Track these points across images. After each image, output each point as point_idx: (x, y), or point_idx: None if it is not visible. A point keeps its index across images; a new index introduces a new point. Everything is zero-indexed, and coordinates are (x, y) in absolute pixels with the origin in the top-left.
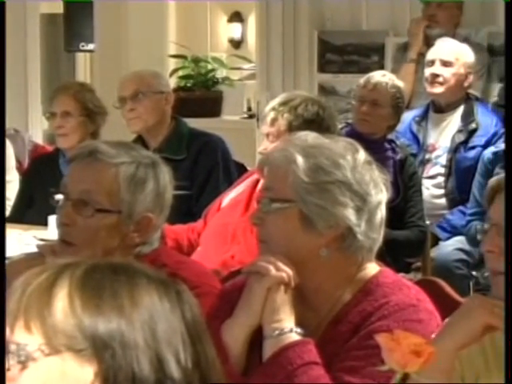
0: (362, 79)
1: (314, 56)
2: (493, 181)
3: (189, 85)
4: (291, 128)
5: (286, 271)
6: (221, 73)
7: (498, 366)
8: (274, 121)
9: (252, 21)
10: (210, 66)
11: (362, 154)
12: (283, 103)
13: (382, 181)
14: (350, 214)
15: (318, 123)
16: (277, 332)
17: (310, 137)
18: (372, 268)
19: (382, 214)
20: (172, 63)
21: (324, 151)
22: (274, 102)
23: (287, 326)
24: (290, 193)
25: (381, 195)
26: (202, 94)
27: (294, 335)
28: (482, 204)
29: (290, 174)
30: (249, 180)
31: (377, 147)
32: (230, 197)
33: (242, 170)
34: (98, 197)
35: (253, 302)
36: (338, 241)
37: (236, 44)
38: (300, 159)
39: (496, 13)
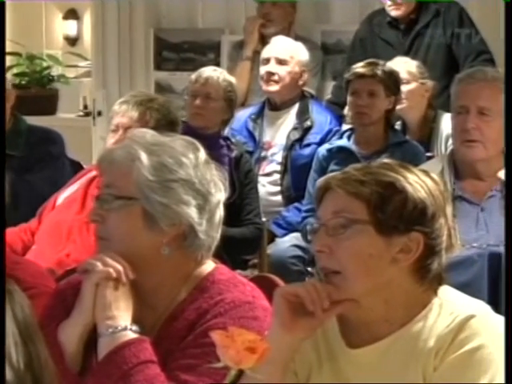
0: (194, 75)
1: (151, 54)
2: (321, 181)
3: (24, 82)
4: (145, 124)
5: (114, 266)
6: (56, 70)
7: (329, 359)
8: (125, 113)
9: (88, 18)
10: (45, 64)
11: (203, 153)
12: (140, 102)
13: (220, 180)
14: (193, 213)
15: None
16: (110, 330)
17: (148, 134)
18: (208, 265)
19: (220, 212)
20: (7, 61)
21: (166, 149)
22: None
23: (121, 324)
24: (133, 190)
25: (220, 194)
26: (37, 91)
27: (130, 333)
28: None
29: (133, 171)
30: (84, 178)
31: (212, 144)
32: (64, 195)
33: (77, 167)
34: None
35: (83, 300)
36: (180, 239)
37: (72, 41)
38: (144, 156)
39: (330, 11)
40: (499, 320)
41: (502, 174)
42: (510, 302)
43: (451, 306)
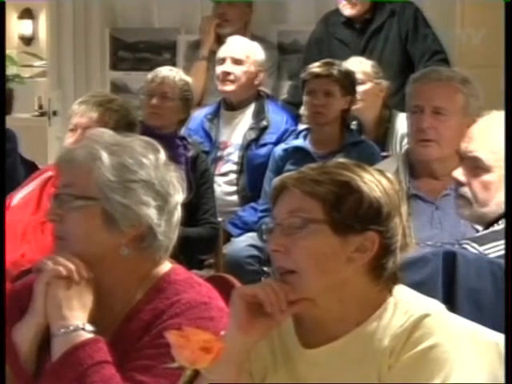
0: (150, 74)
1: (106, 53)
2: (276, 181)
3: None
4: (104, 125)
5: (65, 265)
6: (11, 70)
7: (285, 360)
8: (84, 113)
9: (43, 18)
10: None
11: (163, 154)
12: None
13: (178, 181)
14: (152, 214)
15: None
16: (63, 330)
17: (107, 134)
18: (164, 265)
19: (178, 214)
20: None
21: (127, 150)
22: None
23: (74, 324)
24: (93, 190)
25: (178, 196)
26: None
27: (84, 333)
28: None
29: (94, 171)
30: (40, 178)
31: (168, 144)
32: (20, 195)
33: (32, 167)
34: None
35: (35, 300)
36: (138, 240)
37: (27, 41)
38: (105, 156)
39: (286, 11)
40: (454, 319)
41: (456, 173)
42: (511, 303)
43: (406, 305)
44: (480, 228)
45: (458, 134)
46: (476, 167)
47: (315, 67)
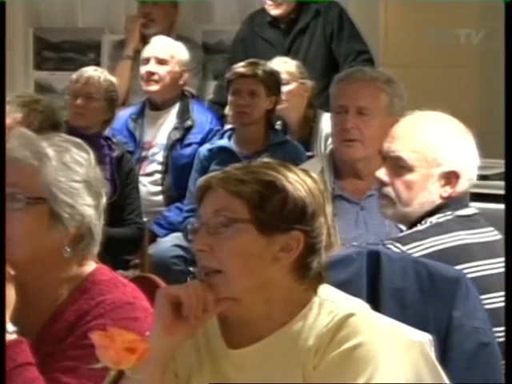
0: (75, 74)
1: (30, 53)
2: (201, 180)
3: None
4: (29, 125)
5: None
6: None
7: (210, 360)
8: (9, 113)
9: None
10: None
11: (92, 154)
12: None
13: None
14: (92, 213)
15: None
16: None
17: (29, 134)
18: (89, 265)
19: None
20: None
21: (63, 149)
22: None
23: None
24: (41, 190)
25: (104, 195)
26: None
27: (6, 335)
28: None
29: (41, 170)
30: None
31: (93, 144)
32: None
33: None
34: None
35: None
36: (77, 240)
37: None
38: (52, 155)
39: (211, 11)
40: (378, 318)
41: (379, 173)
42: (511, 302)
43: (331, 304)
44: (404, 228)
45: (382, 133)
46: (399, 167)
47: (240, 67)
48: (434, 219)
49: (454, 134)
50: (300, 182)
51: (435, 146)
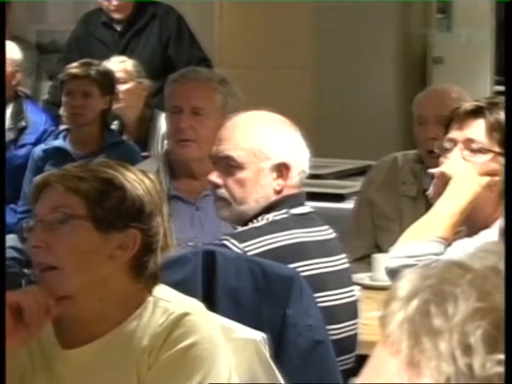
0: None
1: None
2: (37, 179)
3: None
4: None
5: None
6: None
7: (44, 364)
8: None
9: None
10: None
11: None
12: None
13: None
14: None
15: None
16: None
17: None
18: None
19: None
20: None
21: None
22: None
23: None
24: None
25: None
26: None
27: None
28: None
29: None
30: None
31: None
32: None
33: None
34: None
35: None
36: None
37: None
38: None
39: (44, 11)
40: (213, 317)
41: (211, 177)
42: (511, 302)
43: (166, 304)
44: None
45: (217, 134)
46: (229, 166)
47: (73, 68)
48: (270, 216)
49: (279, 128)
50: (138, 181)
51: (262, 140)
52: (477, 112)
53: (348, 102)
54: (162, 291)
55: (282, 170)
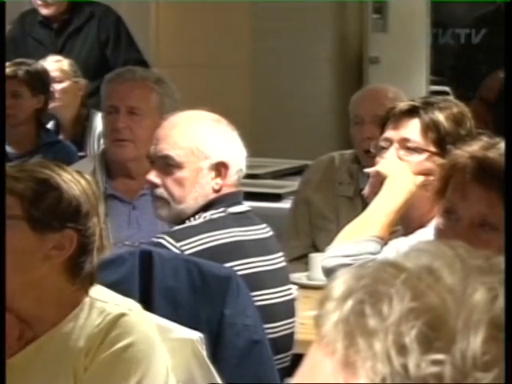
0: None
1: None
2: None
3: None
4: None
5: None
6: None
7: None
8: None
9: None
10: None
11: None
12: None
13: None
14: None
15: None
16: None
17: None
18: None
19: None
20: None
21: None
22: None
23: None
24: None
25: None
26: None
27: None
28: None
29: None
30: None
31: None
32: None
33: None
34: None
35: None
36: None
37: None
38: None
39: None
40: (149, 317)
41: (150, 176)
42: (511, 302)
43: (102, 304)
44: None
45: (154, 133)
46: (168, 166)
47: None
48: (207, 215)
49: (216, 128)
50: (74, 181)
51: (200, 139)
52: (412, 112)
53: (285, 101)
54: (98, 292)
55: (220, 169)
